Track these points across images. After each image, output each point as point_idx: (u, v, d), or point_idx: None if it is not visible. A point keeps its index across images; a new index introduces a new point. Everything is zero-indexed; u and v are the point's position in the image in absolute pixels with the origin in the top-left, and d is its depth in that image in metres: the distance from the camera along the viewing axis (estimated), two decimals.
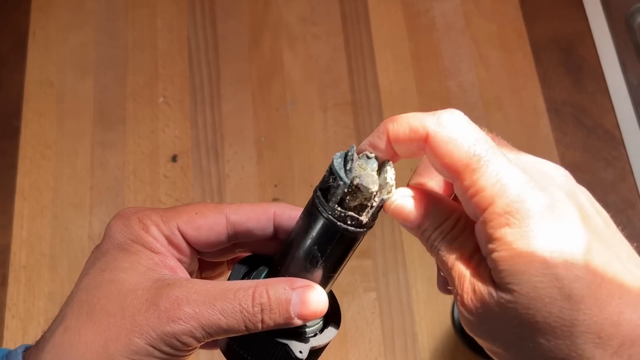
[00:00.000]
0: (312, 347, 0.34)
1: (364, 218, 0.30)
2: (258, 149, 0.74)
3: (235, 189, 0.72)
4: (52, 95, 0.77)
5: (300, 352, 0.33)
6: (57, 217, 0.71)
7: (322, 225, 0.30)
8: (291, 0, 0.82)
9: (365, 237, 0.30)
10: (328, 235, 0.31)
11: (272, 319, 0.31)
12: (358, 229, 0.30)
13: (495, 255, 0.27)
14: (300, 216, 0.33)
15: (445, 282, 0.30)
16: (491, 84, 0.77)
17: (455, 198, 0.31)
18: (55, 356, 0.31)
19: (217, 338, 0.32)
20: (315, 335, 0.34)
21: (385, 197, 0.30)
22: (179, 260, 0.35)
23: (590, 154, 0.74)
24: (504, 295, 0.27)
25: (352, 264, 0.68)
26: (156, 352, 0.31)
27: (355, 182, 0.29)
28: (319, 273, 0.32)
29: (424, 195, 0.31)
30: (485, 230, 0.27)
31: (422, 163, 0.33)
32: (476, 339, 0.29)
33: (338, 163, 0.30)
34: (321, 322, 0.35)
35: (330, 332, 0.35)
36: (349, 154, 0.30)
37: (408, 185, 0.32)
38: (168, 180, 0.73)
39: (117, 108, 0.76)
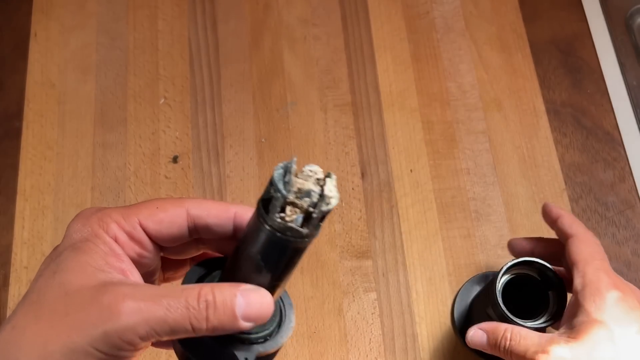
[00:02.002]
0: (258, 354, 0.34)
1: (304, 229, 0.30)
2: (259, 150, 0.74)
3: (235, 190, 0.72)
4: (54, 96, 0.77)
5: (246, 358, 0.33)
6: (59, 218, 0.71)
7: (264, 236, 0.30)
8: (291, 1, 0.82)
9: (366, 237, 0.30)
10: (271, 246, 0.31)
11: (217, 317, 0.31)
12: (299, 240, 0.30)
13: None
14: (246, 224, 0.33)
15: None
16: (491, 85, 0.78)
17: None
18: None
19: (163, 339, 0.31)
20: (263, 342, 0.34)
21: (324, 208, 0.30)
22: (141, 256, 0.35)
23: (589, 155, 0.74)
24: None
25: (352, 265, 0.68)
26: (96, 353, 0.30)
27: (293, 195, 0.30)
28: (265, 280, 0.32)
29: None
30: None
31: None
32: None
33: (278, 175, 0.30)
34: (271, 330, 0.35)
35: (279, 339, 0.35)
36: (289, 166, 0.30)
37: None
38: (169, 181, 0.73)
39: (118, 109, 0.76)
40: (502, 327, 0.51)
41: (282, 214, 0.30)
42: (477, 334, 0.53)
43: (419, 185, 0.72)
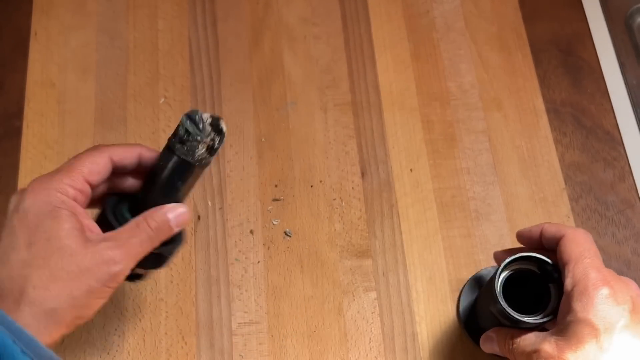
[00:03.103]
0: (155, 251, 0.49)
1: (209, 156, 0.49)
2: (258, 149, 0.74)
3: (235, 189, 0.72)
4: (54, 96, 0.77)
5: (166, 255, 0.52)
6: None
7: (179, 164, 0.48)
8: (291, 1, 0.82)
9: (366, 237, 0.30)
10: (183, 170, 0.48)
11: (164, 233, 0.48)
12: (204, 163, 0.49)
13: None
14: (158, 159, 0.49)
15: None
16: (491, 84, 0.78)
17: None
18: (32, 310, 0.42)
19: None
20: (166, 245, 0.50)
21: (223, 140, 0.49)
22: (86, 203, 0.48)
23: (589, 155, 0.74)
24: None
25: (352, 264, 0.68)
26: (98, 289, 0.44)
27: (201, 134, 0.47)
28: (180, 195, 0.49)
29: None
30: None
31: None
32: None
33: (185, 120, 0.48)
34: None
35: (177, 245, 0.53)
36: (195, 114, 0.47)
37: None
38: None
39: (118, 108, 0.76)
40: (505, 331, 0.55)
41: (189, 145, 0.48)
42: (487, 340, 0.57)
43: (419, 185, 0.72)
